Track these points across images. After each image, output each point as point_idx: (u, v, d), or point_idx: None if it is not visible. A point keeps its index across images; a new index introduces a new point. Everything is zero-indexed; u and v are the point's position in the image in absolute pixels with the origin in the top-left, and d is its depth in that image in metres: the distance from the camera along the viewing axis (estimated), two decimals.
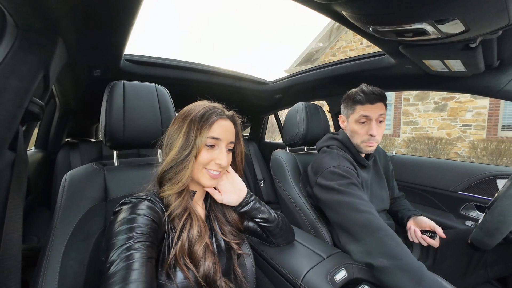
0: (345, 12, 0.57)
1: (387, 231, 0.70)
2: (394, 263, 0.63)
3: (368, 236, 0.70)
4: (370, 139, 0.91)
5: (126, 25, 0.72)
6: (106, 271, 0.42)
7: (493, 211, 0.66)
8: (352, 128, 0.96)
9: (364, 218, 0.74)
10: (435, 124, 5.82)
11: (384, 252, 0.66)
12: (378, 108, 0.90)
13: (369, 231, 0.71)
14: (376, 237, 0.69)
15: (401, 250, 0.65)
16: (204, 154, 0.58)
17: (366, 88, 0.93)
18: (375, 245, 0.68)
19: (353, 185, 0.83)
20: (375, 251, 0.67)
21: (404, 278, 0.60)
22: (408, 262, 0.63)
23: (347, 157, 0.93)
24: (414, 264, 0.62)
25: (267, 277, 0.87)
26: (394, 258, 0.64)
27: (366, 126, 0.92)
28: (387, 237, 0.68)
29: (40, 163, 1.49)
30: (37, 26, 0.56)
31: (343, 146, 0.98)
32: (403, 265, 0.62)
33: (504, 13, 0.46)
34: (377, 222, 0.72)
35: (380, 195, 0.99)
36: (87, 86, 1.19)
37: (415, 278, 0.59)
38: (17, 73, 0.53)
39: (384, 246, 0.67)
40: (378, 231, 0.70)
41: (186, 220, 0.57)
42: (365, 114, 0.90)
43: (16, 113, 0.54)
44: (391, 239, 0.68)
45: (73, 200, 0.65)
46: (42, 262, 0.57)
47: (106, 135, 0.72)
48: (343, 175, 0.85)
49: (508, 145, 4.61)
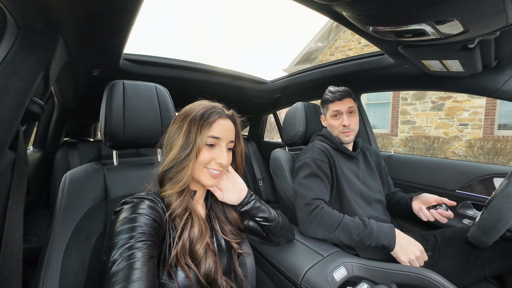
0: (346, 13, 0.57)
1: (324, 209, 0.88)
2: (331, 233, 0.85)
3: (311, 212, 0.89)
4: (345, 129, 1.05)
5: (126, 25, 0.72)
6: (108, 271, 0.42)
7: (491, 210, 0.67)
8: (329, 123, 1.11)
9: (308, 197, 0.92)
10: (432, 123, 5.86)
11: (323, 223, 0.86)
12: (347, 102, 1.05)
13: (311, 207, 0.89)
14: (316, 213, 0.88)
15: (336, 219, 0.85)
16: (204, 153, 0.58)
17: (332, 89, 1.09)
18: (315, 219, 0.88)
19: (314, 176, 0.97)
20: (315, 223, 0.87)
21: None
22: (344, 224, 0.84)
23: (325, 149, 1.05)
24: (334, 215, 0.86)
25: (267, 276, 0.88)
26: (331, 229, 0.85)
27: (339, 119, 1.06)
28: (324, 214, 0.87)
29: (39, 163, 1.48)
30: (38, 26, 0.56)
31: (325, 139, 1.11)
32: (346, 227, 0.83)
33: (502, 14, 0.46)
34: (317, 201, 0.90)
35: (373, 186, 1.07)
36: (86, 85, 1.19)
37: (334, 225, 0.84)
38: (18, 73, 0.53)
39: (323, 218, 0.86)
40: (317, 208, 0.89)
41: (187, 220, 0.57)
42: (336, 109, 1.06)
43: (17, 113, 0.53)
44: (328, 214, 0.87)
45: (73, 200, 0.65)
46: (42, 262, 0.57)
47: (106, 134, 0.72)
48: (310, 165, 0.99)
49: (504, 144, 4.65)
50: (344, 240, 0.84)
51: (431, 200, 0.95)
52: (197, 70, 1.38)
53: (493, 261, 0.85)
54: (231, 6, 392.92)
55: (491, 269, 0.85)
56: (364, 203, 0.99)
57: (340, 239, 0.84)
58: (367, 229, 0.82)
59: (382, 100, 6.61)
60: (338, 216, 0.86)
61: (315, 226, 0.87)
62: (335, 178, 1.00)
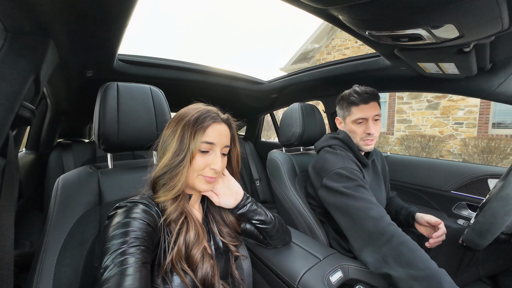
0: (342, 17, 0.57)
1: (400, 237, 0.67)
2: (410, 273, 0.61)
3: (383, 245, 0.67)
4: (368, 137, 0.93)
5: (119, 26, 0.71)
6: (99, 277, 0.41)
7: (485, 213, 0.68)
8: (350, 129, 0.97)
9: (377, 226, 0.70)
10: (428, 122, 5.91)
11: (400, 261, 0.63)
12: (373, 108, 0.92)
13: (384, 239, 0.68)
14: (391, 245, 0.66)
15: (416, 258, 0.62)
16: (198, 159, 0.57)
17: (359, 89, 0.94)
18: (390, 254, 0.65)
19: (361, 187, 0.80)
20: (390, 260, 0.65)
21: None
22: (425, 273, 0.60)
23: (351, 157, 0.92)
24: (432, 273, 0.59)
25: (264, 279, 0.88)
26: (410, 267, 0.61)
27: (363, 125, 0.94)
28: (401, 245, 0.65)
29: (32, 165, 1.45)
30: (27, 29, 0.55)
31: (345, 145, 0.98)
32: (420, 276, 0.59)
33: (498, 20, 0.46)
34: (390, 229, 0.69)
35: (378, 195, 0.99)
36: (80, 86, 1.17)
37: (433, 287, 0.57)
38: (6, 77, 0.52)
39: (399, 255, 0.64)
40: (393, 239, 0.67)
41: (182, 224, 0.56)
42: (361, 116, 0.92)
43: (6, 118, 0.52)
44: (406, 246, 0.65)
45: (67, 205, 0.64)
46: (35, 269, 0.56)
47: (100, 138, 0.71)
48: (350, 177, 0.83)
49: (498, 142, 4.71)
50: None
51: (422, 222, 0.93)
52: (192, 70, 1.37)
53: (487, 262, 0.86)
54: (224, 7, 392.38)
55: (484, 270, 0.86)
56: None
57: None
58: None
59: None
60: (425, 257, 0.64)
61: (391, 253, 0.66)
62: None
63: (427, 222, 0.91)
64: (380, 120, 0.96)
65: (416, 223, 0.97)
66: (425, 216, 0.93)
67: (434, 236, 0.85)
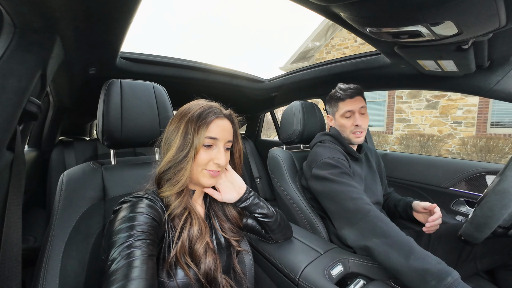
0: (343, 14, 0.58)
1: (376, 213, 0.77)
2: (385, 241, 0.70)
3: (361, 220, 0.77)
4: (357, 129, 1.01)
5: (124, 23, 0.71)
6: (107, 269, 0.42)
7: (483, 207, 0.69)
8: (339, 123, 1.05)
9: (356, 204, 0.80)
10: (427, 121, 5.93)
11: (375, 232, 0.73)
12: (359, 101, 1.00)
13: (361, 215, 0.78)
14: (367, 220, 0.76)
15: (389, 228, 0.72)
16: (202, 154, 0.58)
17: (343, 86, 1.03)
18: (366, 227, 0.75)
19: (345, 174, 0.89)
20: (367, 232, 0.74)
21: (395, 254, 0.66)
22: (397, 239, 0.69)
23: (339, 149, 1.00)
24: (403, 239, 0.69)
25: (265, 273, 0.89)
26: (384, 236, 0.71)
27: (351, 119, 1.01)
28: (376, 219, 0.75)
29: (34, 162, 1.46)
30: (35, 25, 0.56)
31: (335, 140, 1.05)
32: (393, 242, 0.69)
33: (495, 17, 0.47)
34: (367, 207, 0.79)
35: (373, 188, 1.05)
36: (82, 84, 1.17)
37: (405, 252, 0.66)
38: (15, 72, 0.53)
39: (375, 227, 0.74)
40: (369, 214, 0.77)
41: (186, 219, 0.57)
42: (348, 109, 1.00)
43: (14, 113, 0.53)
44: (380, 220, 0.75)
45: (71, 199, 0.65)
46: (42, 262, 0.57)
47: (104, 134, 0.72)
48: (335, 165, 0.91)
49: (496, 141, 4.74)
50: (394, 260, 0.66)
51: (419, 209, 0.98)
52: (194, 68, 1.37)
53: (484, 257, 0.87)
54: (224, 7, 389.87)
55: (482, 264, 0.88)
56: None
57: (391, 257, 0.67)
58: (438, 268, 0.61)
59: (378, 99, 6.67)
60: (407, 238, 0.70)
61: (367, 228, 0.75)
62: None
63: (423, 208, 0.96)
64: (367, 114, 1.03)
65: (414, 212, 1.01)
66: (421, 203, 0.98)
67: (430, 220, 0.88)
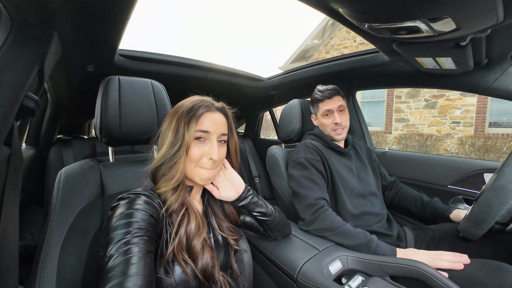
0: (342, 10, 0.58)
1: (326, 212, 0.90)
2: (331, 233, 0.87)
3: (315, 219, 0.90)
4: (337, 127, 1.06)
5: (122, 20, 0.71)
6: (104, 266, 0.42)
7: (480, 203, 0.69)
8: (321, 122, 1.11)
9: (312, 198, 0.93)
10: (425, 121, 5.95)
11: (325, 228, 0.88)
12: (336, 100, 1.06)
13: (315, 208, 0.91)
14: (319, 218, 0.89)
15: (334, 224, 0.87)
16: (194, 149, 0.58)
17: (322, 88, 1.10)
18: (317, 224, 0.90)
19: (309, 179, 0.98)
20: (319, 226, 0.89)
21: (340, 239, 0.85)
22: (340, 230, 0.85)
23: (318, 149, 1.05)
24: (343, 229, 0.85)
25: (264, 270, 0.89)
26: (331, 230, 0.86)
27: (331, 117, 1.07)
28: (326, 218, 0.89)
29: (32, 160, 1.46)
30: (32, 20, 0.55)
31: (318, 138, 1.12)
32: (338, 232, 0.86)
33: (493, 12, 0.48)
34: (320, 201, 0.92)
35: (366, 179, 1.09)
36: (80, 81, 1.17)
37: (345, 236, 0.84)
38: (12, 67, 0.52)
39: (324, 224, 0.88)
40: (322, 208, 0.91)
41: (183, 215, 0.57)
42: (327, 108, 1.07)
43: (11, 108, 0.53)
44: (329, 214, 0.89)
45: (69, 196, 0.64)
46: (39, 259, 0.57)
47: (102, 131, 0.72)
48: (306, 166, 1.00)
49: (495, 141, 4.76)
50: (340, 243, 0.86)
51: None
52: (193, 66, 1.37)
53: (482, 255, 0.88)
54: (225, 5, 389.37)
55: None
56: (360, 198, 1.01)
57: (337, 241, 0.87)
58: (366, 239, 0.82)
59: (377, 98, 6.68)
60: (340, 222, 0.88)
61: (316, 225, 0.90)
62: (329, 176, 1.02)
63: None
64: (347, 111, 1.10)
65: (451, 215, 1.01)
66: (461, 215, 0.97)
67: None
